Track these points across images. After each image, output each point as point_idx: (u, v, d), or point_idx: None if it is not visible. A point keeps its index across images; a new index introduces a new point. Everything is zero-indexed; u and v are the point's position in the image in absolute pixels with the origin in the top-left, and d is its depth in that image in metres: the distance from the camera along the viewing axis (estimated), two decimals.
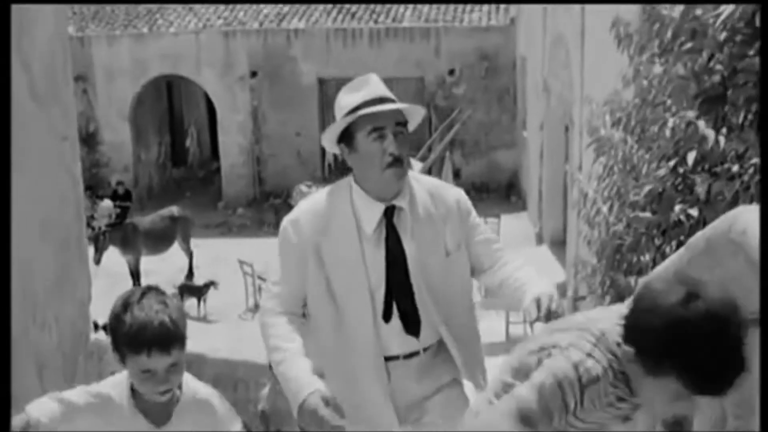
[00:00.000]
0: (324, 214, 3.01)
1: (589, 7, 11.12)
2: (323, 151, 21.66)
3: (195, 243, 17.50)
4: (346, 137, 2.96)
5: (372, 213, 2.97)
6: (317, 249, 2.98)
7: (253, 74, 22.19)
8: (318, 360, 3.03)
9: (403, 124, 2.94)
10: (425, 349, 3.08)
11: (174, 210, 17.32)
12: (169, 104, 25.78)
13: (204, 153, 27.10)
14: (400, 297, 3.01)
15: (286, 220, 3.07)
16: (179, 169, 26.00)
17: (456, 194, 3.13)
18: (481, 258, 3.12)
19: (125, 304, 2.56)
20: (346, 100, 2.98)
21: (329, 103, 22.17)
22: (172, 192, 23.93)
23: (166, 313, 2.53)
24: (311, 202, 3.07)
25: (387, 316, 3.00)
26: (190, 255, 17.25)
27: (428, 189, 3.08)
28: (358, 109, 2.91)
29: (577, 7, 11.88)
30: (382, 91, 2.98)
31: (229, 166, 22.88)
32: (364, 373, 3.04)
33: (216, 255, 17.71)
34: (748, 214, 1.52)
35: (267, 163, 22.69)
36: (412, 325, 3.03)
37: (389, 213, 2.99)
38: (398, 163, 2.89)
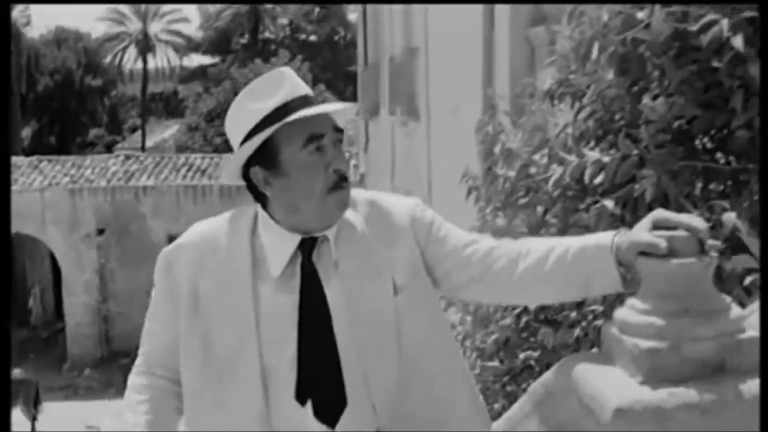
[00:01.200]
0: (210, 244, 2.18)
1: (435, 164, 11.56)
2: None
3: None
4: (262, 159, 2.09)
5: (282, 247, 2.12)
6: (193, 292, 2.13)
7: (100, 231, 21.86)
8: None
9: (340, 130, 2.13)
10: None
11: (16, 373, 16.62)
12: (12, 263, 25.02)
13: (48, 313, 26.20)
14: (317, 365, 2.07)
15: (165, 249, 2.25)
16: (21, 330, 25.01)
17: (408, 206, 2.25)
18: (457, 273, 2.18)
19: None
20: (255, 105, 2.10)
21: None
22: (14, 354, 22.93)
23: None
24: (200, 227, 2.26)
25: (301, 395, 2.06)
26: (33, 420, 16.49)
27: (367, 207, 2.21)
28: (283, 112, 2.06)
29: (424, 162, 12.32)
30: (305, 87, 2.14)
31: (75, 326, 22.17)
32: None
33: (61, 419, 16.95)
34: (579, 361, 1.62)
35: (115, 322, 22.10)
36: (328, 408, 2.07)
37: (307, 247, 2.12)
38: (344, 182, 2.09)
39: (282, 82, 2.10)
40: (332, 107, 2.12)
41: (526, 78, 5.18)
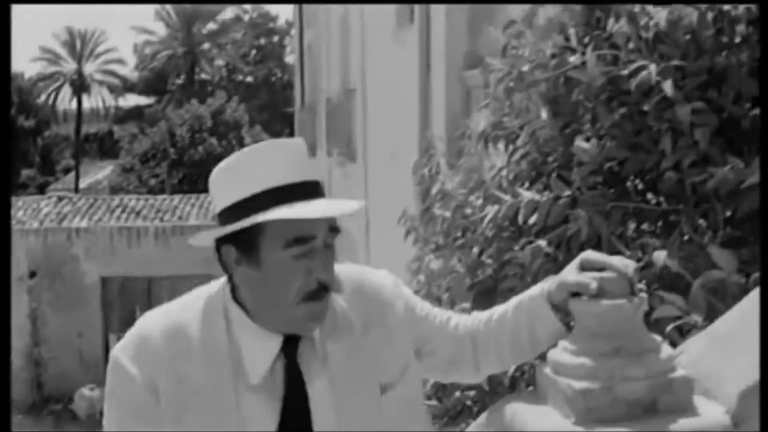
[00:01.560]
0: (180, 342, 1.84)
1: (372, 205, 11.58)
2: (107, 353, 20.91)
3: None
4: (238, 242, 1.81)
5: (263, 349, 1.85)
6: (176, 384, 1.82)
7: (32, 274, 21.43)
8: None
9: (336, 229, 1.90)
10: None
11: None
12: None
13: None
14: None
15: (120, 347, 1.88)
16: None
17: (390, 285, 2.03)
18: (446, 349, 2.02)
19: None
20: (243, 177, 1.80)
21: (112, 303, 21.62)
22: None
23: None
24: (161, 320, 1.88)
25: None
26: None
27: (352, 295, 1.97)
28: (273, 199, 1.77)
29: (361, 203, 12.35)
30: (309, 170, 1.87)
31: None
32: None
33: None
34: (515, 401, 1.63)
35: (47, 367, 21.60)
36: None
37: (291, 347, 1.86)
38: (323, 293, 1.83)
39: (283, 159, 1.81)
40: (332, 209, 1.84)
41: (462, 119, 5.24)
